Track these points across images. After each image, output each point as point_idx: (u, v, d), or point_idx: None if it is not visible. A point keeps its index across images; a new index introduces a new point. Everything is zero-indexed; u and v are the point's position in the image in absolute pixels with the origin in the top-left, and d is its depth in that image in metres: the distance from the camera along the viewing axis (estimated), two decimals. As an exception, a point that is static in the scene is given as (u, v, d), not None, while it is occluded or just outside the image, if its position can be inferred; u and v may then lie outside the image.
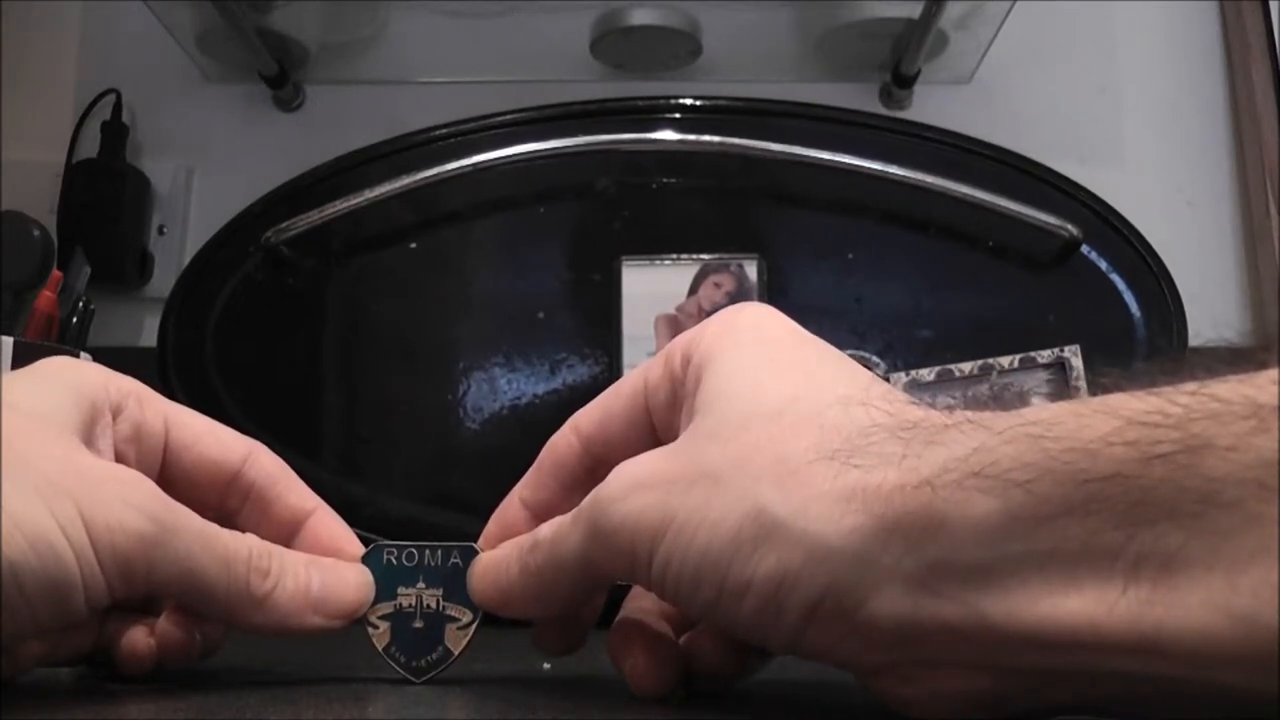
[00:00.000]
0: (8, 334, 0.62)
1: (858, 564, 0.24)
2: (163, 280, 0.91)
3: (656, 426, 0.33)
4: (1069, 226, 0.83)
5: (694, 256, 0.84)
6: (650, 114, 0.88)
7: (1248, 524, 0.20)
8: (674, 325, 0.82)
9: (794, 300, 0.84)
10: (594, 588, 0.32)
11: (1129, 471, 0.21)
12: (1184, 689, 0.21)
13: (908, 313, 0.85)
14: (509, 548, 0.34)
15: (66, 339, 0.70)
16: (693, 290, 0.83)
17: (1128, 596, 0.21)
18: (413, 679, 0.34)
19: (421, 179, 0.84)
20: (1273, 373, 0.21)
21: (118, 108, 0.93)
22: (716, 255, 0.84)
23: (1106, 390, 0.23)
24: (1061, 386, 0.70)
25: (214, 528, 0.32)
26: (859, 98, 0.94)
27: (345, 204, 0.84)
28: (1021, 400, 0.25)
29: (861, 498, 0.24)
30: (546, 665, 0.40)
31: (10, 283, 0.73)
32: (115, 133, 0.92)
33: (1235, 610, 0.20)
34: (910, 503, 0.24)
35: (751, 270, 0.83)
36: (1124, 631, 0.21)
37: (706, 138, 0.85)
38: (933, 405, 0.26)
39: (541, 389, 0.84)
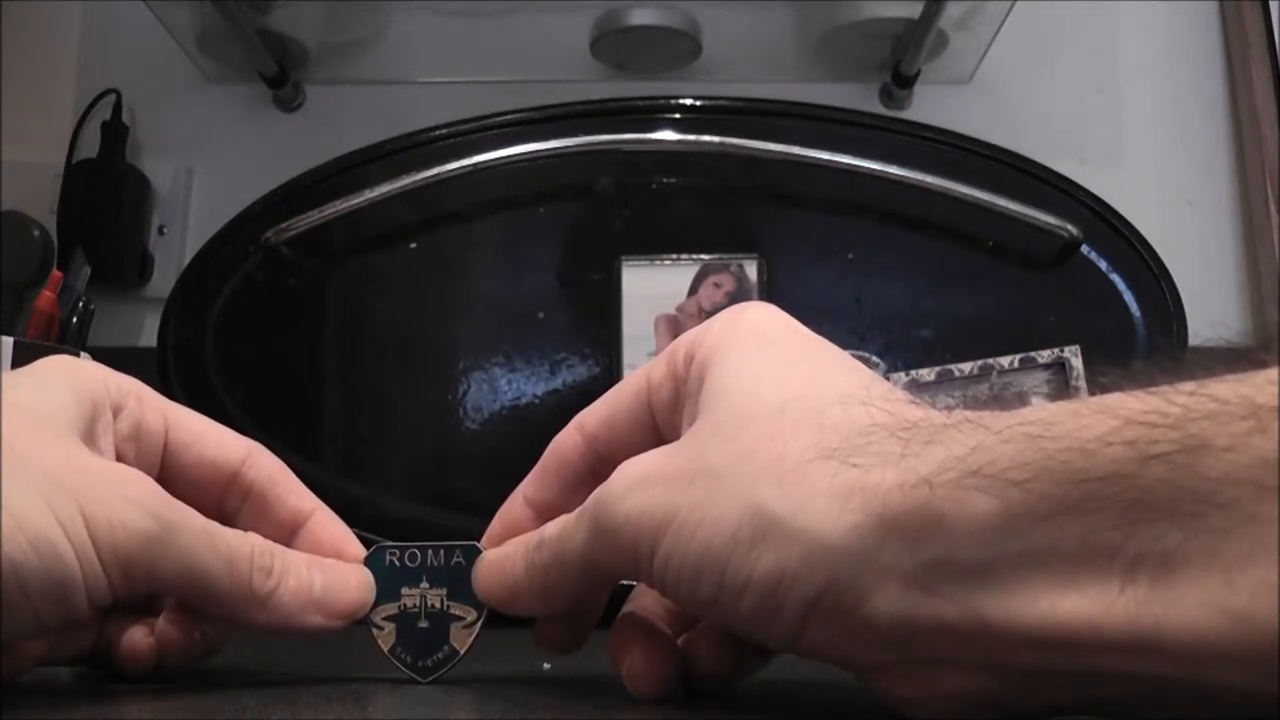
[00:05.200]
0: (8, 334, 0.62)
1: (856, 562, 0.24)
2: (163, 280, 0.91)
3: (659, 425, 0.33)
4: (1069, 226, 0.83)
5: (694, 256, 0.84)
6: (650, 114, 0.88)
7: (1245, 524, 0.20)
8: (674, 325, 0.82)
9: (794, 300, 0.83)
10: (599, 585, 0.33)
11: (1127, 471, 0.21)
12: (1183, 689, 0.21)
13: (908, 313, 0.85)
14: (514, 545, 0.34)
15: (66, 339, 0.70)
16: (693, 290, 0.83)
17: (1125, 596, 0.21)
18: (419, 679, 0.34)
19: (421, 179, 0.84)
20: (1271, 373, 0.21)
21: (118, 108, 0.93)
22: (716, 255, 0.84)
23: (1105, 390, 0.23)
24: (1061, 386, 0.70)
25: (216, 526, 0.32)
26: (859, 98, 0.94)
27: (345, 204, 0.84)
28: (1021, 400, 0.25)
29: (860, 496, 0.24)
30: (547, 665, 0.40)
31: (10, 283, 0.73)
32: (115, 133, 0.92)
33: (1233, 610, 0.20)
34: (908, 501, 0.24)
35: (751, 270, 0.83)
36: (1122, 631, 0.21)
37: (706, 138, 0.85)
38: (933, 405, 0.26)
39: (541, 389, 0.84)
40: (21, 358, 0.60)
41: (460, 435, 0.84)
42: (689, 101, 0.88)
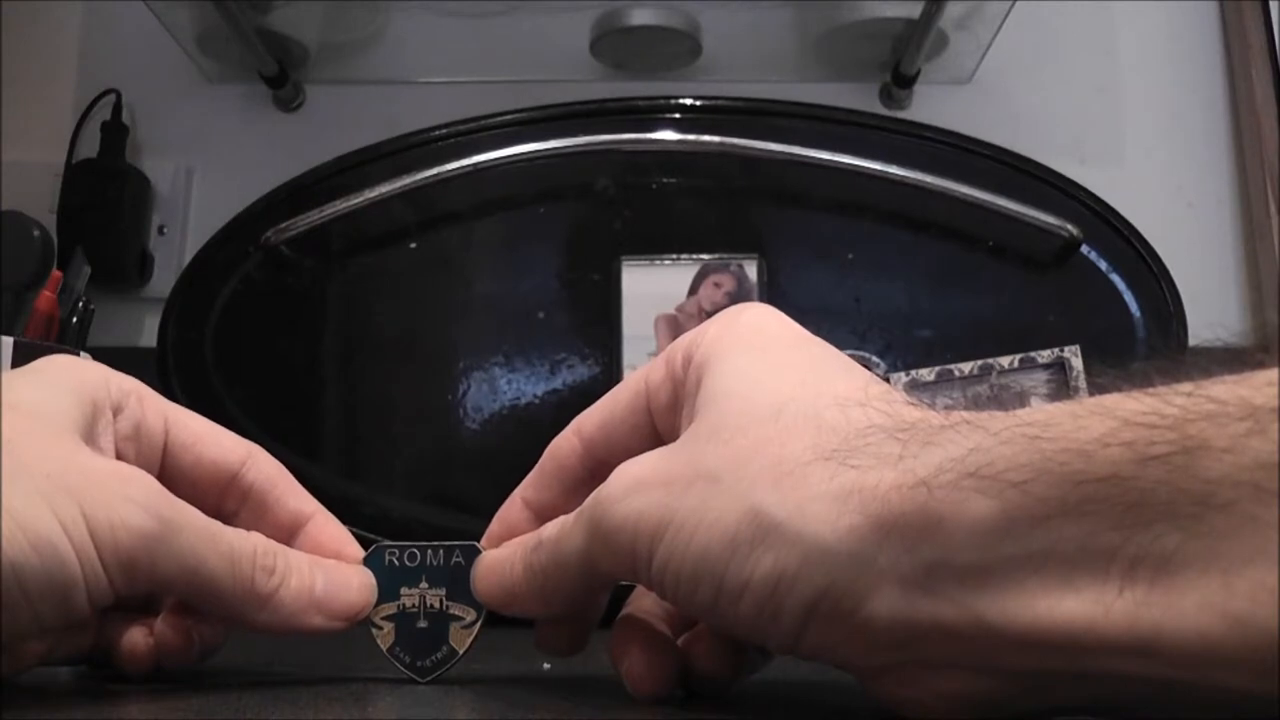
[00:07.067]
0: (8, 334, 0.62)
1: (854, 565, 0.24)
2: (163, 280, 0.91)
3: (658, 428, 0.33)
4: (1069, 226, 0.83)
5: (694, 256, 0.84)
6: (650, 114, 0.88)
7: (1244, 526, 0.20)
8: (674, 325, 0.82)
9: (794, 300, 0.84)
10: (597, 587, 0.33)
11: (1125, 473, 0.21)
12: (1182, 690, 0.21)
13: (908, 313, 0.85)
14: (513, 546, 0.34)
15: (66, 339, 0.70)
16: (693, 290, 0.83)
17: (1124, 598, 0.21)
18: (418, 679, 0.34)
19: (421, 179, 0.84)
20: (1269, 374, 0.21)
21: (118, 108, 0.93)
22: (716, 255, 0.84)
23: (1103, 390, 0.23)
24: (1061, 386, 0.70)
25: (218, 525, 0.32)
26: (859, 98, 0.94)
27: (345, 204, 0.84)
28: (1021, 400, 0.25)
29: (858, 498, 0.24)
30: (547, 665, 0.40)
31: (10, 283, 0.73)
32: (115, 133, 0.92)
33: (1231, 612, 0.20)
34: (906, 503, 0.24)
35: (751, 270, 0.83)
36: (1120, 633, 0.21)
37: (706, 138, 0.85)
38: (932, 405, 0.26)
39: (541, 389, 0.84)
40: (21, 358, 0.60)
41: (460, 435, 0.84)
42: (689, 101, 0.88)
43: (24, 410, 0.31)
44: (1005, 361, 0.71)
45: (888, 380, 0.70)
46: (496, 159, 0.84)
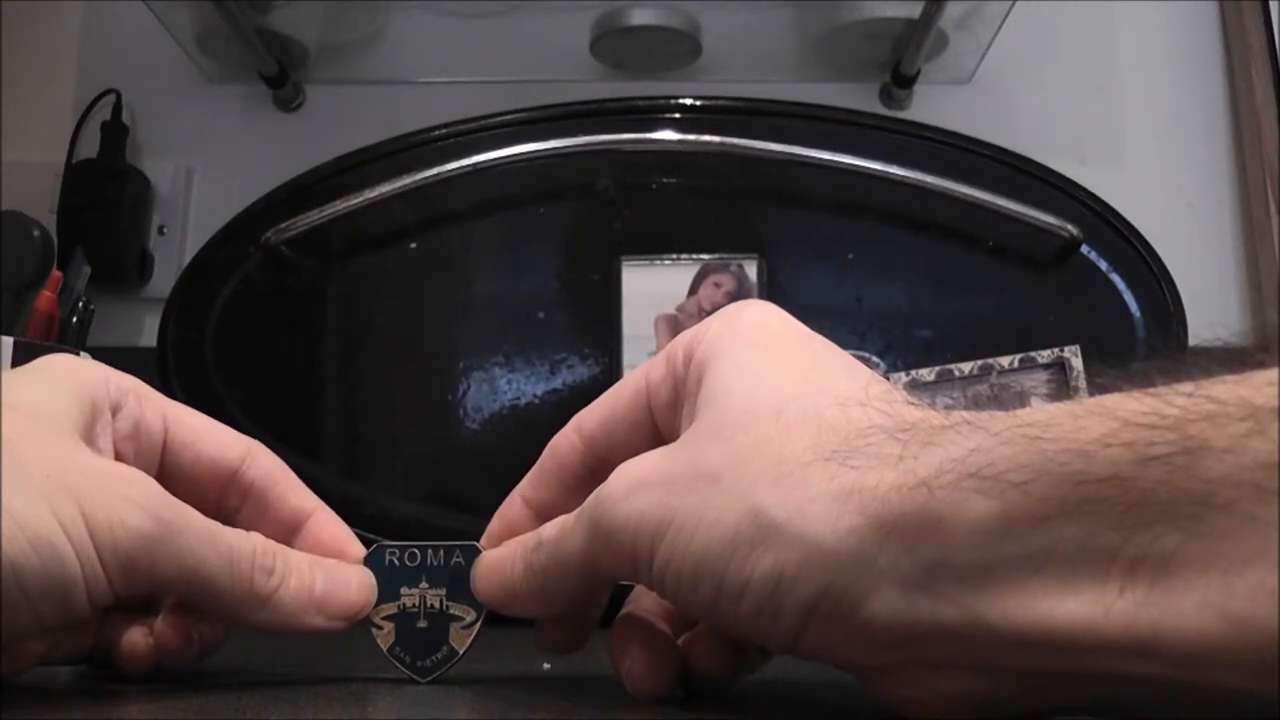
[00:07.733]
0: (8, 334, 0.62)
1: (854, 565, 0.24)
2: (163, 280, 0.91)
3: (659, 426, 0.33)
4: (1069, 226, 0.83)
5: (694, 256, 0.84)
6: (650, 114, 0.88)
7: (1244, 526, 0.20)
8: (674, 325, 0.82)
9: (794, 300, 0.84)
10: (597, 586, 0.33)
11: (1125, 473, 0.21)
12: (1182, 690, 0.21)
13: (908, 313, 0.85)
14: (513, 546, 0.34)
15: (66, 339, 0.70)
16: (693, 290, 0.83)
17: (1124, 598, 0.21)
18: (418, 679, 0.34)
19: (421, 179, 0.84)
20: (1269, 374, 0.21)
21: (118, 108, 0.93)
22: (716, 255, 0.84)
23: (1103, 390, 0.23)
24: (1061, 386, 0.70)
25: (217, 525, 0.32)
26: (859, 98, 0.94)
27: (345, 204, 0.84)
28: (1021, 400, 0.25)
29: (858, 498, 0.24)
30: (547, 665, 0.40)
31: (10, 283, 0.73)
32: (115, 133, 0.92)
33: (1231, 612, 0.20)
34: (907, 504, 0.24)
35: (751, 270, 0.83)
36: (1120, 633, 0.21)
37: (706, 138, 0.85)
38: (932, 405, 0.26)
39: (541, 389, 0.84)
40: (21, 358, 0.60)
41: (460, 435, 0.84)
42: (689, 101, 0.88)
43: (24, 410, 0.31)
44: (1005, 361, 0.71)
45: (888, 380, 0.69)
46: (496, 159, 0.84)
